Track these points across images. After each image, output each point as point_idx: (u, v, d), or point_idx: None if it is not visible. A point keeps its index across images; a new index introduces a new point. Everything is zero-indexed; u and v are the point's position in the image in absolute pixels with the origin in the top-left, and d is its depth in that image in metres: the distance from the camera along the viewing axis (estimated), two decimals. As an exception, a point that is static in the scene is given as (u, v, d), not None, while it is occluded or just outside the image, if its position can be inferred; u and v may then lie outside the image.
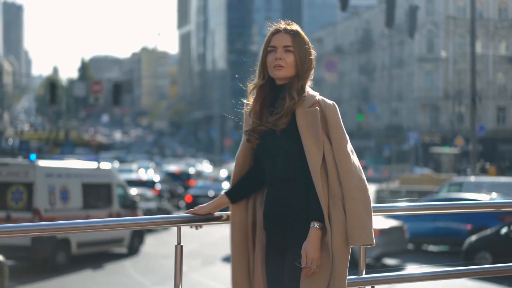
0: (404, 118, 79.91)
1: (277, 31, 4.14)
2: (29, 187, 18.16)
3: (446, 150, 56.64)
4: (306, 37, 4.15)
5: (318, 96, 4.11)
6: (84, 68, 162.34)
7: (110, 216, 20.01)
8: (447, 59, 71.38)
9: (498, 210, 13.36)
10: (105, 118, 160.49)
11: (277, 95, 4.11)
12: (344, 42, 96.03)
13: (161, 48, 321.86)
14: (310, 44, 4.17)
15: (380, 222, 19.81)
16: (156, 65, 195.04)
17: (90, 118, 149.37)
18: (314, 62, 4.20)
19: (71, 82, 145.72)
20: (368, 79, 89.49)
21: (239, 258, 4.16)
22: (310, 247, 3.86)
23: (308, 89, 4.14)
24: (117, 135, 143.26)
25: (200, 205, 4.22)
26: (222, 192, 4.28)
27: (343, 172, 3.95)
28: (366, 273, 4.97)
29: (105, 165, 23.07)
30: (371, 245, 3.96)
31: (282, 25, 4.16)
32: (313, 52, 4.18)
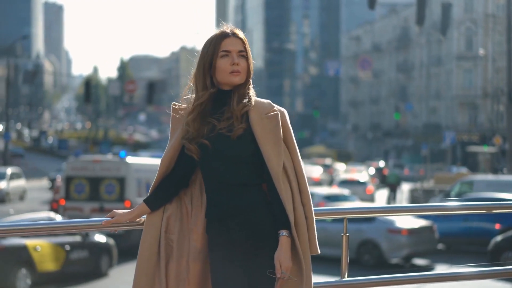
0: (442, 116, 79.13)
1: (226, 35, 3.91)
2: (121, 181, 20.90)
3: (484, 149, 55.96)
4: None
5: (271, 102, 3.94)
6: (123, 67, 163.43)
7: None
8: (486, 57, 70.48)
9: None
10: (142, 116, 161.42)
11: (218, 100, 3.90)
12: (382, 40, 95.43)
13: (199, 47, 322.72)
14: None
15: (409, 221, 19.56)
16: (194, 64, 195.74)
17: (129, 117, 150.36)
18: None
19: (110, 81, 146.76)
20: (406, 78, 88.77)
21: (145, 265, 3.88)
22: (283, 256, 3.71)
23: (254, 96, 3.95)
24: (155, 134, 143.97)
25: (120, 213, 3.95)
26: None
27: (300, 178, 3.87)
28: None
29: None
30: (318, 253, 3.88)
31: (227, 28, 3.94)
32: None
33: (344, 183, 38.06)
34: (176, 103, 4.00)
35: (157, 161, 25.01)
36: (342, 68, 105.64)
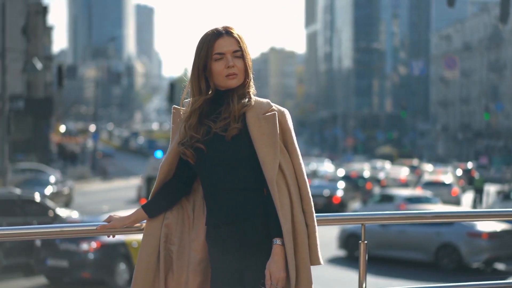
0: (535, 117, 77.04)
1: (219, 35, 3.67)
2: None
3: None
4: None
5: (270, 102, 3.72)
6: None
7: None
8: None
9: None
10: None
11: (216, 102, 3.69)
12: (473, 39, 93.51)
13: (288, 47, 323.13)
14: None
15: (490, 225, 18.99)
16: (284, 64, 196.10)
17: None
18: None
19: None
20: (498, 77, 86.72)
21: (143, 276, 3.71)
22: (274, 266, 3.48)
23: (254, 96, 3.74)
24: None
25: (117, 218, 3.77)
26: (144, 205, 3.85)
27: (300, 183, 3.64)
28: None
29: None
30: (320, 264, 3.65)
31: (220, 27, 3.71)
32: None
33: (429, 184, 37.32)
34: (176, 106, 3.81)
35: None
36: (431, 68, 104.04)
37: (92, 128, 73.00)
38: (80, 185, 48.01)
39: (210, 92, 3.67)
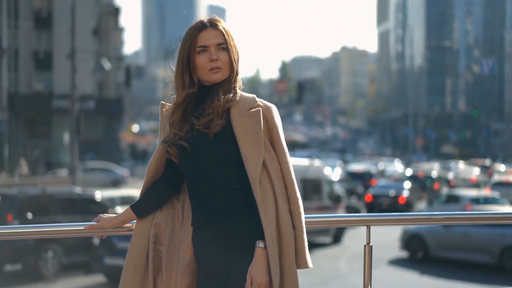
0: None
1: (203, 27, 3.51)
2: None
3: None
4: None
5: (256, 97, 3.54)
6: (284, 68, 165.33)
7: (320, 208, 22.45)
8: None
9: None
10: (298, 117, 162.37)
11: (202, 97, 3.54)
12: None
13: (360, 46, 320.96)
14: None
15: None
16: (355, 63, 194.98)
17: (289, 117, 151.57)
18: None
19: (271, 82, 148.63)
20: None
21: (130, 278, 3.58)
22: (256, 270, 3.32)
23: (240, 91, 3.57)
24: (314, 134, 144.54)
25: (106, 218, 3.66)
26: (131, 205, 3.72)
27: (288, 182, 3.46)
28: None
29: (316, 163, 25.50)
30: (308, 268, 3.46)
31: (205, 19, 3.56)
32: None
33: (498, 185, 36.52)
34: (164, 102, 3.66)
35: (299, 161, 25.11)
36: (506, 66, 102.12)
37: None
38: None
39: (194, 87, 3.53)
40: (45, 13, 54.42)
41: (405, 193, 33.28)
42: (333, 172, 40.93)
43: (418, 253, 20.30)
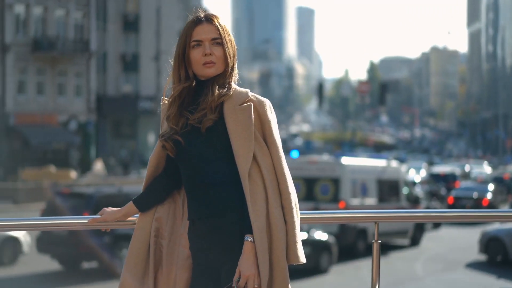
0: None
1: (198, 22, 3.56)
2: (336, 182, 21.21)
3: None
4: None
5: (249, 92, 3.57)
6: (373, 69, 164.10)
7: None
8: None
9: None
10: (383, 118, 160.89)
11: (198, 92, 3.58)
12: None
13: (451, 46, 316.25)
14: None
15: None
16: (445, 64, 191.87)
17: (376, 119, 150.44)
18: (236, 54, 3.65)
19: (359, 83, 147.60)
20: None
21: (132, 271, 3.61)
22: (244, 263, 3.34)
23: (235, 86, 3.61)
24: (402, 135, 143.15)
25: (109, 211, 3.72)
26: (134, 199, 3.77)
27: (280, 177, 3.47)
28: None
29: (393, 164, 25.46)
30: (302, 263, 3.45)
31: (201, 13, 3.59)
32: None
33: None
34: (165, 97, 3.70)
35: (375, 162, 24.98)
36: None
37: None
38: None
39: (190, 81, 3.57)
40: (133, 16, 55.52)
41: (489, 196, 32.65)
42: (418, 174, 40.54)
43: (497, 256, 19.94)
